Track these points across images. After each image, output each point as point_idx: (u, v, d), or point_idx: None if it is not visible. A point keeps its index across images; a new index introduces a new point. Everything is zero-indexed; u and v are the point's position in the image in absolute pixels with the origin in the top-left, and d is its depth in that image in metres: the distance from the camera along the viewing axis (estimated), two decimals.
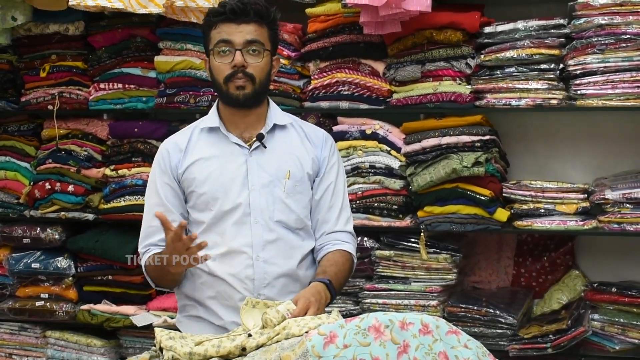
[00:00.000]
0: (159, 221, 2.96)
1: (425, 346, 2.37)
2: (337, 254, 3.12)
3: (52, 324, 4.96)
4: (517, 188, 4.25)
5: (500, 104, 4.20)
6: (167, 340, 2.68)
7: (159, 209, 3.10)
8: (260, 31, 3.05)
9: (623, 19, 4.01)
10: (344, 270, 3.10)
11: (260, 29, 3.05)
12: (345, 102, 4.43)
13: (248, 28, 3.03)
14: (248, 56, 3.03)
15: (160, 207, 3.12)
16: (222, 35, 3.03)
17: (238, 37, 3.02)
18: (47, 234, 4.88)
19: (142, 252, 3.16)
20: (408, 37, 4.31)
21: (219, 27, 3.05)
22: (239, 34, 3.02)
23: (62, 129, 4.88)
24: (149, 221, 3.14)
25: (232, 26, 3.03)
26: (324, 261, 3.10)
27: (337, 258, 3.10)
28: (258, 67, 3.04)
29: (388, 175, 4.37)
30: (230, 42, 3.02)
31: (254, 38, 3.03)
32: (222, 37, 3.03)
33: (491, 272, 4.70)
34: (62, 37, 4.85)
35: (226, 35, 3.03)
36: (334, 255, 3.11)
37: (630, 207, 4.07)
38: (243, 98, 3.04)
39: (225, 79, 3.04)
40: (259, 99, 3.10)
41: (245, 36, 3.02)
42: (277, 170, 3.11)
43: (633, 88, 4.01)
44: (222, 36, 3.03)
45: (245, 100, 3.05)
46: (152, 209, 3.15)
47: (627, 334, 4.12)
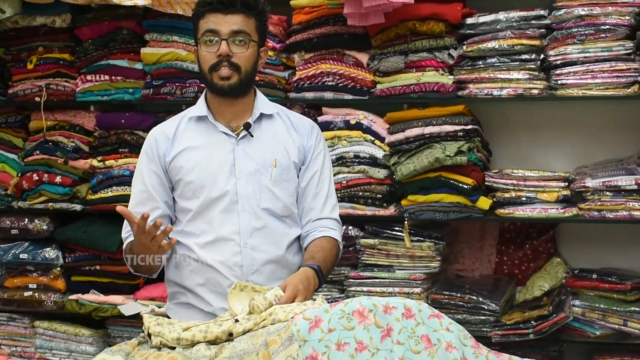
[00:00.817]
0: (144, 208, 3.03)
1: (408, 329, 2.41)
2: (324, 240, 3.16)
3: (41, 314, 4.97)
4: (499, 177, 4.29)
5: (482, 94, 4.23)
6: (155, 326, 2.72)
7: (143, 195, 3.17)
8: (247, 22, 3.09)
9: (602, 9, 4.06)
10: (331, 256, 3.14)
11: (247, 20, 3.09)
12: (329, 92, 4.46)
13: (235, 18, 3.07)
14: (234, 46, 3.06)
15: (145, 193, 3.18)
16: (209, 25, 3.07)
17: (224, 27, 3.06)
18: (35, 225, 4.88)
19: (124, 238, 3.20)
20: (391, 29, 4.34)
21: (206, 17, 3.09)
22: (225, 24, 3.06)
23: (49, 121, 4.88)
24: (133, 207, 3.18)
25: (219, 16, 3.07)
26: (311, 247, 3.14)
27: (324, 244, 3.14)
28: (243, 57, 3.08)
29: (372, 165, 4.41)
30: (216, 31, 3.06)
31: (240, 28, 3.07)
32: (208, 26, 3.07)
33: (474, 260, 4.75)
34: (49, 30, 4.85)
35: (213, 25, 3.07)
36: (321, 241, 3.15)
37: (610, 195, 4.12)
38: (228, 88, 3.08)
39: (210, 68, 3.08)
40: (244, 88, 3.14)
41: (232, 26, 3.06)
42: (264, 159, 3.15)
43: (612, 78, 4.07)
44: (209, 26, 3.07)
45: (230, 90, 3.09)
46: (136, 195, 3.21)
47: (607, 319, 4.17)
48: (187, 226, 3.16)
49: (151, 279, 4.66)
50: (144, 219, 2.81)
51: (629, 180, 4.10)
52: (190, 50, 4.60)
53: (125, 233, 3.20)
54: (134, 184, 3.26)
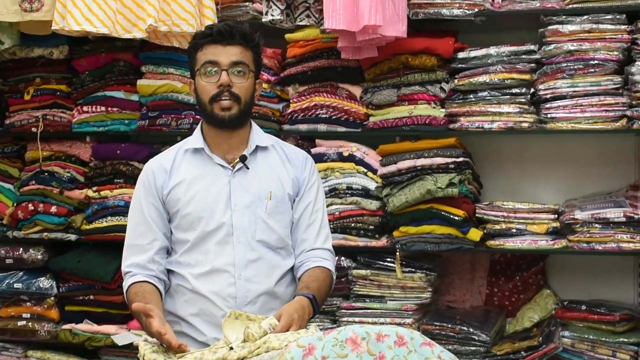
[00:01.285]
0: (144, 240, 3.06)
1: (401, 357, 2.42)
2: (318, 271, 3.16)
3: (34, 344, 4.95)
4: (490, 208, 4.34)
5: (474, 127, 4.28)
6: (151, 353, 2.74)
7: (143, 227, 3.17)
8: (245, 54, 3.12)
9: (591, 45, 4.12)
10: (325, 286, 3.15)
11: (245, 52, 3.12)
12: (323, 125, 4.50)
13: (234, 50, 3.10)
14: (233, 77, 3.09)
15: (144, 225, 3.17)
16: (209, 57, 3.09)
17: (224, 58, 3.08)
18: (30, 255, 4.89)
19: (125, 272, 3.19)
20: (384, 62, 4.40)
21: (205, 49, 3.11)
22: (225, 55, 3.08)
23: (45, 151, 4.92)
24: (133, 239, 3.19)
25: (219, 47, 3.09)
26: (305, 277, 3.14)
27: (318, 274, 3.15)
28: (243, 87, 3.11)
29: (364, 196, 4.44)
30: (216, 62, 3.08)
31: (240, 59, 3.10)
32: (208, 58, 3.09)
33: (465, 291, 4.77)
34: (47, 61, 4.90)
35: (212, 56, 3.09)
36: (315, 271, 3.16)
37: (599, 227, 4.16)
38: (228, 119, 3.10)
39: (211, 99, 3.09)
40: (243, 120, 3.16)
41: (231, 57, 3.09)
42: (259, 191, 3.16)
43: (601, 112, 4.12)
44: (208, 57, 3.09)
45: (231, 121, 3.11)
46: (136, 228, 3.20)
47: (597, 350, 4.18)
48: (182, 257, 3.17)
49: None
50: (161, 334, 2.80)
51: (617, 212, 4.14)
52: (186, 82, 4.64)
53: (126, 267, 3.18)
54: (131, 215, 3.25)
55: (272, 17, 4.39)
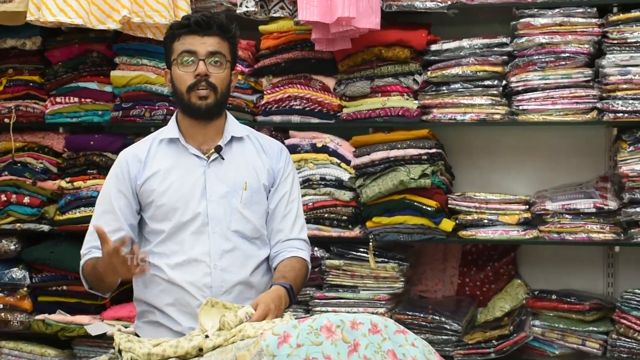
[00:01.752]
0: (108, 227, 3.01)
1: (375, 345, 2.44)
2: (294, 260, 3.18)
3: (7, 334, 4.93)
4: (462, 199, 4.37)
5: (446, 119, 4.32)
6: (126, 342, 2.75)
7: (109, 215, 3.15)
8: (222, 44, 3.12)
9: (562, 38, 4.16)
10: (301, 275, 3.17)
11: (222, 42, 3.12)
12: (296, 116, 4.52)
13: (211, 40, 3.10)
14: (210, 67, 3.09)
15: (110, 214, 3.16)
16: (186, 46, 3.09)
17: (201, 47, 3.09)
18: (3, 245, 4.88)
19: (83, 254, 3.18)
20: (358, 54, 4.42)
21: (182, 39, 3.11)
22: (202, 45, 3.09)
23: (18, 142, 4.90)
24: (98, 220, 3.16)
25: (196, 38, 3.09)
26: (281, 266, 3.15)
27: (294, 264, 3.16)
28: (220, 77, 3.11)
29: (338, 187, 4.46)
30: (194, 52, 3.08)
31: (217, 49, 3.10)
32: (185, 47, 3.09)
33: (437, 281, 4.81)
34: (19, 52, 4.88)
35: (190, 46, 3.09)
36: (291, 261, 3.17)
37: (569, 218, 4.21)
38: (205, 108, 3.10)
39: (188, 89, 3.09)
40: (219, 110, 3.16)
41: (208, 47, 3.09)
42: (234, 182, 3.17)
43: (572, 104, 4.17)
44: (185, 47, 3.09)
45: (207, 110, 3.11)
46: (101, 215, 3.18)
47: (567, 339, 4.24)
48: (157, 247, 3.16)
49: (118, 299, 4.72)
50: (121, 243, 2.79)
51: (587, 203, 4.20)
52: (160, 73, 4.65)
53: (85, 250, 3.17)
54: (99, 203, 3.23)
55: (246, 9, 4.40)
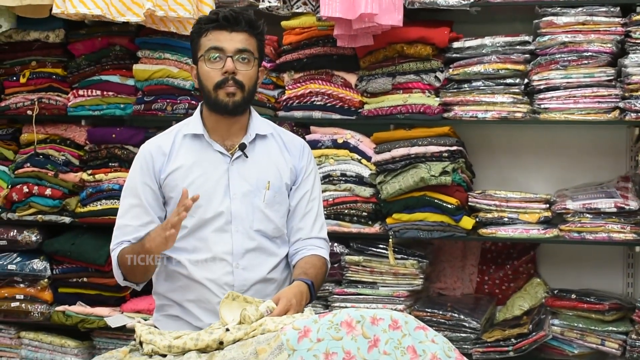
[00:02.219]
0: (137, 221, 3.06)
1: (395, 340, 2.45)
2: (314, 258, 3.17)
3: (27, 325, 4.97)
4: (482, 197, 4.37)
5: (467, 116, 4.32)
6: (147, 334, 2.76)
7: (138, 209, 3.14)
8: (250, 41, 3.09)
9: (585, 37, 4.16)
10: (321, 273, 3.16)
11: (250, 39, 3.09)
12: (318, 112, 4.53)
13: (239, 37, 3.07)
14: (238, 64, 3.05)
15: (139, 207, 3.14)
16: (214, 43, 3.06)
17: (229, 44, 3.05)
18: (24, 237, 4.91)
19: (113, 249, 3.16)
20: (380, 51, 4.43)
21: (210, 35, 3.08)
22: (230, 42, 3.05)
23: (40, 134, 4.93)
24: (126, 220, 3.16)
25: (224, 34, 3.06)
26: (301, 263, 3.14)
27: (314, 261, 3.15)
28: (247, 75, 3.08)
29: (358, 183, 4.48)
30: (221, 49, 3.05)
31: (245, 47, 3.07)
32: (213, 44, 3.06)
33: (456, 279, 4.81)
34: (43, 45, 4.90)
35: (217, 42, 3.06)
36: (311, 258, 3.16)
37: (590, 217, 4.21)
38: (232, 105, 3.07)
39: (216, 86, 3.06)
40: (245, 107, 3.14)
41: (237, 44, 3.06)
42: (257, 180, 3.15)
43: (594, 103, 4.16)
44: (213, 43, 3.06)
45: (234, 108, 3.08)
46: (130, 209, 3.17)
47: (586, 338, 4.24)
48: (178, 242, 3.08)
49: (138, 291, 4.74)
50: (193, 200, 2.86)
51: (608, 203, 4.19)
52: (182, 67, 4.67)
53: (114, 245, 3.17)
54: (125, 196, 3.21)
55: (269, 4, 4.41)
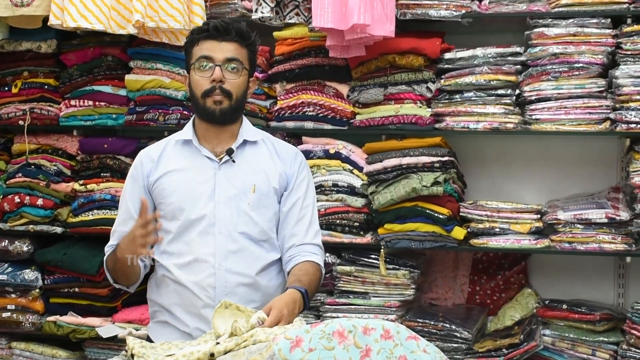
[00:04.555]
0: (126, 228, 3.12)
1: (387, 350, 2.44)
2: (308, 265, 3.17)
3: (18, 335, 4.97)
4: (474, 208, 4.38)
5: (459, 127, 4.33)
6: (140, 348, 2.76)
7: (126, 216, 3.24)
8: (240, 51, 3.14)
9: (576, 48, 4.17)
10: (315, 280, 3.16)
11: (240, 49, 3.14)
12: (310, 122, 4.54)
13: (229, 46, 3.12)
14: (227, 73, 3.10)
15: (127, 214, 3.23)
16: (204, 52, 3.11)
17: (219, 53, 3.10)
18: (16, 247, 4.91)
19: (106, 252, 3.26)
20: (372, 61, 4.44)
21: (201, 44, 3.13)
22: (219, 51, 3.11)
23: (32, 144, 4.94)
24: (117, 226, 3.26)
25: (214, 43, 3.12)
26: (295, 270, 3.15)
27: (308, 268, 3.16)
28: (235, 83, 3.12)
29: (350, 194, 4.48)
30: (210, 58, 3.10)
31: (234, 56, 3.12)
32: (203, 53, 3.11)
33: (447, 289, 4.81)
34: (35, 55, 4.91)
35: (207, 51, 3.11)
36: (305, 265, 3.17)
37: (581, 228, 4.21)
38: (219, 112, 3.12)
39: (204, 94, 3.11)
40: (234, 115, 3.18)
41: (226, 54, 3.11)
42: (244, 184, 3.18)
43: (585, 114, 4.18)
44: (203, 52, 3.11)
45: (221, 115, 3.13)
46: (120, 216, 3.27)
47: (577, 348, 4.24)
48: (168, 246, 3.19)
49: (129, 301, 4.74)
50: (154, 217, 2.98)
51: (599, 213, 4.20)
52: (174, 78, 4.68)
53: (107, 248, 3.25)
54: (120, 207, 3.31)
55: (261, 15, 4.42)
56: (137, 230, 2.97)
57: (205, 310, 3.10)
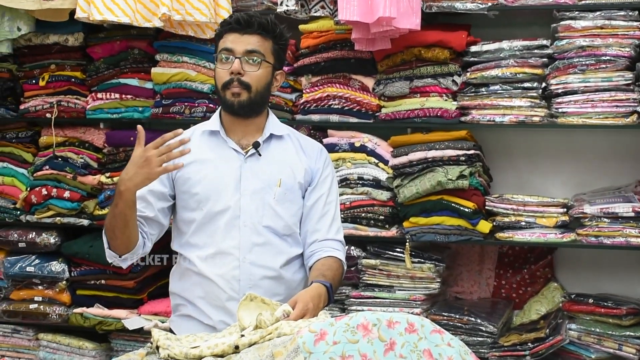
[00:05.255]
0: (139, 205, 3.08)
1: (411, 344, 2.45)
2: (331, 260, 3.17)
3: (45, 327, 5.01)
4: (500, 201, 4.37)
5: (485, 120, 4.32)
6: (165, 340, 2.78)
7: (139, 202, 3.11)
8: (263, 43, 3.14)
9: (603, 41, 4.15)
10: (338, 275, 3.17)
11: (263, 41, 3.14)
12: (335, 115, 4.54)
13: (251, 39, 3.13)
14: (246, 65, 3.11)
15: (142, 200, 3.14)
16: (226, 44, 3.13)
17: (239, 46, 3.11)
18: (43, 239, 4.95)
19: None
20: (397, 54, 4.44)
21: (225, 37, 3.15)
22: (240, 44, 3.12)
23: (59, 137, 4.97)
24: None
25: (237, 36, 3.13)
26: (318, 265, 3.15)
27: (331, 263, 3.16)
28: (255, 76, 3.12)
29: (375, 187, 4.49)
30: (231, 50, 3.12)
31: (255, 48, 3.12)
32: (225, 45, 3.13)
33: (473, 283, 4.81)
34: (62, 48, 4.95)
35: (229, 44, 3.13)
36: (328, 260, 3.17)
37: (608, 222, 4.19)
38: (237, 105, 3.12)
39: (223, 86, 3.13)
40: (254, 108, 3.18)
41: (246, 46, 3.11)
42: (270, 178, 3.19)
43: (612, 107, 4.15)
44: (225, 45, 3.13)
45: (240, 108, 3.14)
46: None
47: (603, 343, 4.22)
48: (191, 237, 3.20)
49: (155, 294, 4.77)
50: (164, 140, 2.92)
51: (626, 207, 4.18)
52: (200, 71, 4.70)
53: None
54: None
55: (286, 8, 4.42)
56: (148, 151, 2.93)
57: (230, 303, 3.11)
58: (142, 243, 3.17)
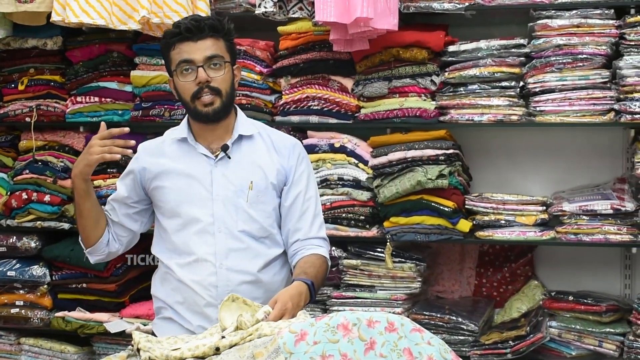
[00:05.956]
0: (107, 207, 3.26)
1: (391, 343, 2.47)
2: (314, 257, 3.19)
3: (27, 331, 4.98)
4: (479, 200, 4.38)
5: (464, 120, 4.33)
6: (145, 342, 2.78)
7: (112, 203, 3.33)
8: (217, 45, 3.14)
9: (580, 39, 4.17)
10: (322, 272, 3.18)
11: (217, 43, 3.14)
12: (315, 116, 4.54)
13: (205, 44, 3.12)
14: (210, 71, 3.11)
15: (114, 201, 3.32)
16: (183, 55, 3.12)
17: (197, 54, 3.10)
18: (23, 243, 4.92)
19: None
20: (376, 55, 4.44)
21: (177, 48, 3.13)
22: (198, 52, 3.10)
23: (39, 141, 4.95)
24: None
25: (190, 44, 3.11)
26: (301, 263, 3.16)
27: (314, 260, 3.17)
28: (221, 79, 3.13)
29: (355, 187, 4.48)
30: (191, 60, 3.11)
31: (213, 53, 3.12)
32: (182, 57, 3.12)
33: (454, 282, 4.82)
34: (41, 52, 4.92)
35: (186, 54, 3.11)
36: (311, 257, 3.18)
37: (587, 219, 4.21)
38: (212, 113, 3.13)
39: (192, 97, 3.13)
40: (227, 111, 3.19)
41: (205, 52, 3.11)
42: (241, 181, 3.19)
43: (589, 105, 4.17)
44: (182, 56, 3.12)
45: (215, 114, 3.15)
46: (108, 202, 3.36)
47: (583, 340, 4.24)
48: (169, 244, 3.23)
49: (137, 297, 4.75)
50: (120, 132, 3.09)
51: (604, 205, 4.20)
52: None
53: None
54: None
55: (265, 10, 4.42)
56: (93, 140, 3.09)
57: (208, 309, 3.12)
58: (107, 241, 3.26)
